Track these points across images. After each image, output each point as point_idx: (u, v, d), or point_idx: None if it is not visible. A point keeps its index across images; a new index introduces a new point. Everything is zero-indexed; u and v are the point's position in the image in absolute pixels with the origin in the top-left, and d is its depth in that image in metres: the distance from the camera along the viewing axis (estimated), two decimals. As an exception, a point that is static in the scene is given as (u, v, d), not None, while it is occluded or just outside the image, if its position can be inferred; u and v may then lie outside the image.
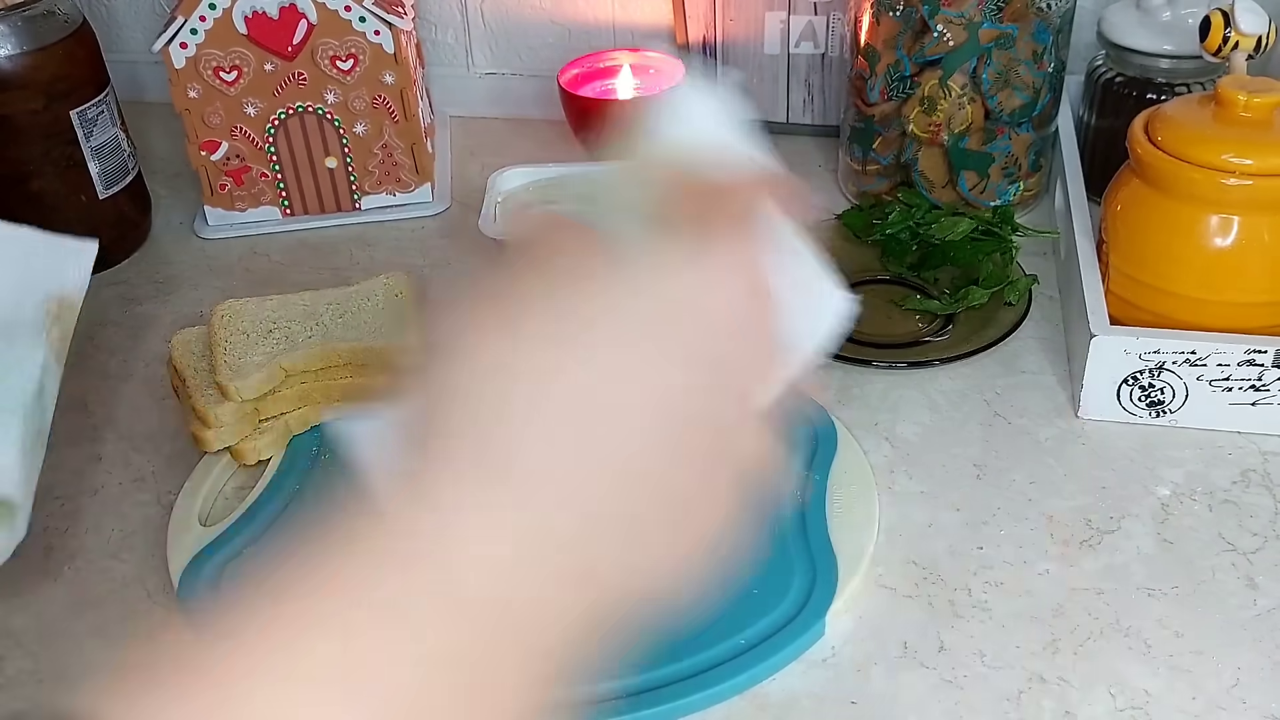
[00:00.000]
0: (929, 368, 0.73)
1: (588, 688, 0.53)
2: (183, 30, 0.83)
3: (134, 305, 0.85)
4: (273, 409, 0.67)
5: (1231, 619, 0.57)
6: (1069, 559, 0.60)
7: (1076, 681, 0.54)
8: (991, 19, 0.78)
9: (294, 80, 0.86)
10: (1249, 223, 0.65)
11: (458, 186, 0.97)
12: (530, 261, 0.34)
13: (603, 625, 0.34)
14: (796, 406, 0.39)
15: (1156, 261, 0.67)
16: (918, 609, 0.58)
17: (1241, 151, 0.64)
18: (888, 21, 0.81)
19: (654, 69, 0.98)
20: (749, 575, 0.58)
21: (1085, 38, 0.89)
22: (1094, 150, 0.87)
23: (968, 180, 0.84)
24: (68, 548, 0.64)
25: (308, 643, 0.28)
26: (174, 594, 0.59)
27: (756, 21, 0.96)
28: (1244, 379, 0.65)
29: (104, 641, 0.58)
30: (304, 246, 0.90)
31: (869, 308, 0.79)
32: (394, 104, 0.88)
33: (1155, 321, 0.68)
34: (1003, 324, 0.74)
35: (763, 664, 0.54)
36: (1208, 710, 0.52)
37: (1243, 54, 0.70)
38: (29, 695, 0.56)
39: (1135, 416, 0.68)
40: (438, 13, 1.04)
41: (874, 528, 0.61)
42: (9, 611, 0.60)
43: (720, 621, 0.55)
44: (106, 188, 0.86)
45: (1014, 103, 0.81)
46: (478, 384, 0.31)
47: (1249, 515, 0.62)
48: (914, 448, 0.67)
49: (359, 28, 0.84)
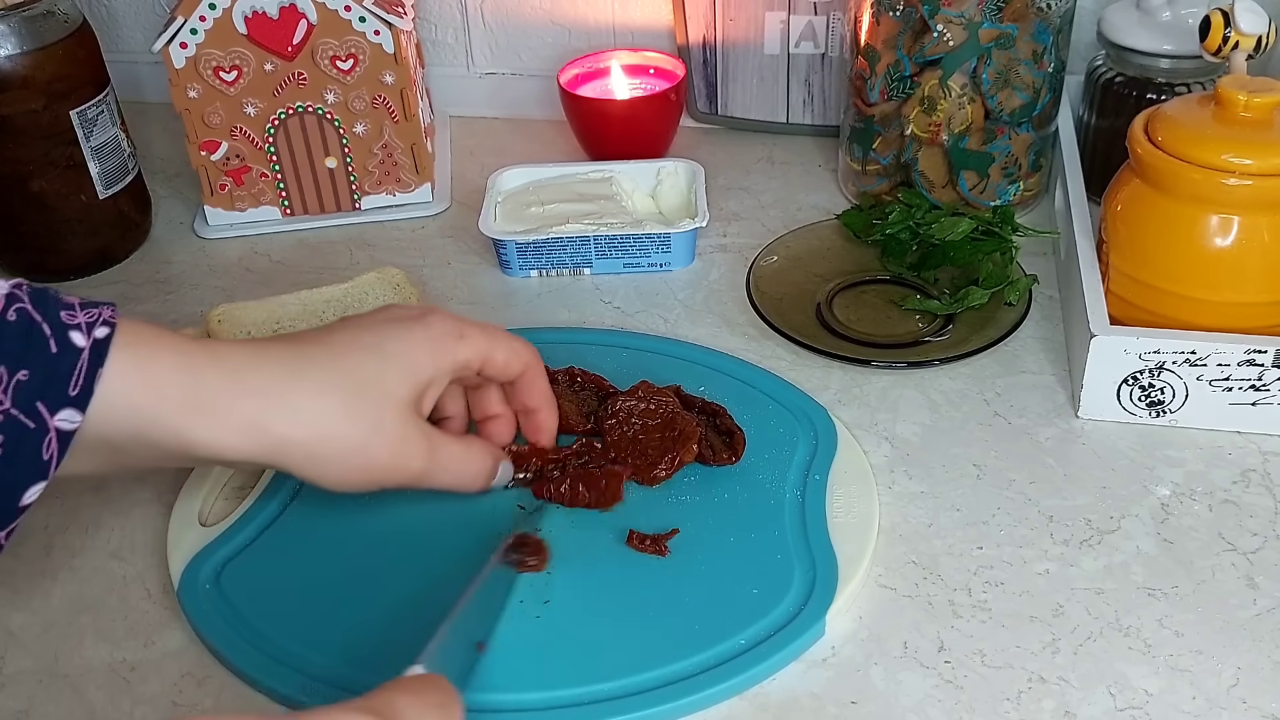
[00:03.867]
0: (929, 368, 0.73)
1: (588, 688, 0.53)
2: (183, 30, 0.83)
3: (134, 305, 0.84)
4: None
5: (1231, 619, 0.57)
6: (1069, 559, 0.60)
7: (1076, 681, 0.54)
8: (991, 19, 0.78)
9: (294, 80, 0.86)
10: (1249, 223, 0.65)
11: (458, 186, 0.97)
12: None
13: None
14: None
15: (1156, 261, 0.67)
16: (918, 609, 0.58)
17: (1241, 151, 0.64)
18: (888, 21, 0.81)
19: (654, 69, 0.98)
20: (749, 575, 0.58)
21: (1085, 38, 0.89)
22: (1094, 150, 0.87)
23: (968, 180, 0.84)
24: (68, 548, 0.64)
25: None
26: (174, 594, 0.59)
27: (756, 21, 0.96)
28: (1244, 379, 0.65)
29: (104, 641, 0.58)
30: (304, 246, 0.90)
31: (869, 308, 0.79)
32: (394, 104, 0.88)
33: (1155, 321, 0.68)
34: (1003, 324, 0.74)
35: (763, 664, 0.54)
36: (1208, 710, 0.52)
37: (1243, 54, 0.70)
38: (29, 695, 0.56)
39: (1135, 416, 0.68)
40: (438, 13, 1.04)
41: (874, 528, 0.61)
42: (9, 611, 0.60)
43: (720, 621, 0.56)
44: (106, 188, 0.86)
45: (1014, 103, 0.81)
46: None
47: (1249, 515, 0.62)
48: (914, 448, 0.67)
49: (359, 28, 0.84)
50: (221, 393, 0.48)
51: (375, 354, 0.52)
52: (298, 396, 0.50)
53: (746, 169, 0.97)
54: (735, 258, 0.85)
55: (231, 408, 0.49)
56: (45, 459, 0.45)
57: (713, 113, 1.02)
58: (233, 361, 0.49)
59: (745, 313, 0.79)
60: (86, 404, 0.45)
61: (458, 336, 0.55)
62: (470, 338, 0.56)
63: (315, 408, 0.50)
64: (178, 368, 0.48)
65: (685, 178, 0.89)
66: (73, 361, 0.45)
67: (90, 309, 0.47)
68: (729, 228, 0.89)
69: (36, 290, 0.46)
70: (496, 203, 0.87)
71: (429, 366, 0.54)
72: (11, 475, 0.45)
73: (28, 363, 0.44)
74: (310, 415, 0.50)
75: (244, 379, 0.49)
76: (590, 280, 0.84)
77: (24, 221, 0.85)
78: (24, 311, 0.45)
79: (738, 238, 0.88)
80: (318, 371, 0.51)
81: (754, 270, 0.80)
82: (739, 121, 1.02)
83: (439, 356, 0.54)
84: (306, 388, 0.50)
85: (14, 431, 0.44)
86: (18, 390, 0.44)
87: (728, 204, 0.92)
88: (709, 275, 0.84)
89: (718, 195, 0.93)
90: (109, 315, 0.47)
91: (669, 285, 0.83)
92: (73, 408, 0.45)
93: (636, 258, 0.83)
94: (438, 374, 0.54)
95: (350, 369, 0.52)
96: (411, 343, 0.54)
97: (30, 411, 0.44)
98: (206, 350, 0.49)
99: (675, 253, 0.83)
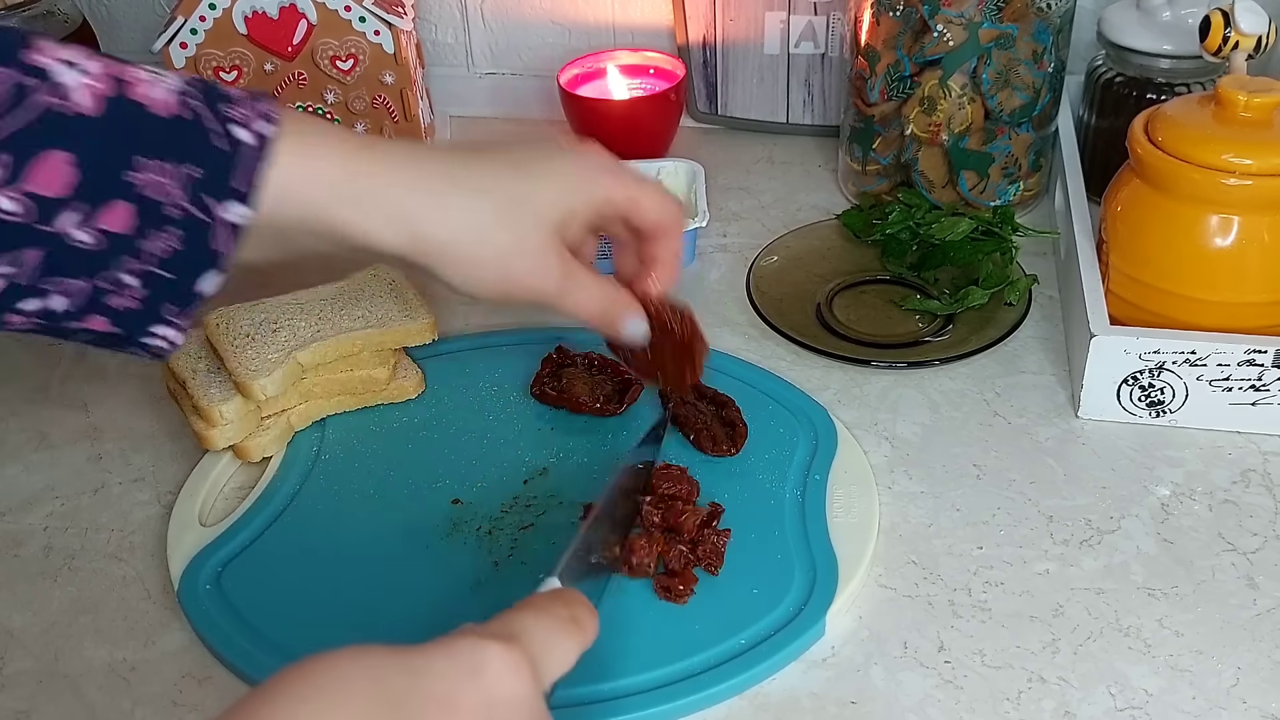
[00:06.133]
0: (929, 368, 0.73)
1: (588, 688, 0.53)
2: (183, 30, 0.83)
3: (134, 305, 0.84)
4: (275, 405, 0.68)
5: (1231, 619, 0.57)
6: (1069, 559, 0.60)
7: (1076, 681, 0.54)
8: (991, 19, 0.78)
9: (294, 80, 0.86)
10: (1249, 223, 0.65)
11: (458, 186, 0.97)
12: None
13: None
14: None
15: (1156, 261, 0.67)
16: (918, 609, 0.58)
17: (1241, 151, 0.64)
18: (888, 21, 0.81)
19: (654, 69, 0.98)
20: (749, 575, 0.58)
21: (1085, 38, 0.89)
22: (1094, 150, 0.87)
23: (968, 180, 0.84)
24: (68, 548, 0.64)
25: None
26: (174, 594, 0.59)
27: (756, 21, 0.96)
28: (1244, 379, 0.65)
29: (104, 641, 0.58)
30: (304, 246, 0.90)
31: (869, 308, 0.79)
32: (394, 104, 0.88)
33: (1155, 321, 0.68)
34: (1003, 324, 0.74)
35: (763, 664, 0.54)
36: (1208, 710, 0.52)
37: (1243, 54, 0.70)
38: (29, 695, 0.56)
39: (1135, 416, 0.68)
40: (438, 13, 1.04)
41: (874, 528, 0.61)
42: (9, 611, 0.60)
43: (720, 621, 0.56)
44: (106, 188, 0.86)
45: (1014, 103, 0.81)
46: None
47: (1249, 515, 0.62)
48: (914, 448, 0.67)
49: (359, 28, 0.84)
50: (379, 185, 0.50)
51: (531, 173, 0.54)
52: (451, 198, 0.51)
53: (746, 169, 0.97)
54: (735, 258, 0.85)
55: (387, 200, 0.50)
56: (218, 250, 0.47)
57: (713, 113, 1.02)
58: (393, 158, 0.51)
59: (745, 313, 0.79)
60: (254, 199, 0.47)
61: (610, 172, 0.56)
62: (621, 177, 0.56)
63: (466, 210, 0.52)
64: (339, 160, 0.49)
65: (685, 178, 0.89)
66: (241, 157, 0.46)
67: (252, 104, 0.48)
68: (729, 228, 0.89)
69: (207, 86, 0.47)
70: (496, 203, 0.87)
71: (580, 193, 0.55)
72: (188, 264, 0.46)
73: (200, 159, 0.46)
74: (461, 217, 0.51)
75: (402, 175, 0.51)
76: (590, 280, 0.84)
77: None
78: (197, 109, 0.46)
79: (738, 238, 0.88)
80: (474, 179, 0.52)
81: (754, 270, 0.80)
82: (739, 121, 1.02)
83: (591, 185, 0.55)
84: (461, 191, 0.52)
85: (189, 225, 0.46)
86: (191, 185, 0.45)
87: (728, 204, 0.92)
88: (709, 275, 0.84)
89: (718, 195, 0.93)
90: (271, 110, 0.48)
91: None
92: (241, 203, 0.46)
93: (636, 258, 0.83)
94: (588, 203, 0.55)
95: (506, 182, 0.53)
96: (567, 168, 0.55)
97: (202, 206, 0.46)
98: (368, 146, 0.51)
99: (675, 253, 0.83)
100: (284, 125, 0.48)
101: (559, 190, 0.54)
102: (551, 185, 0.54)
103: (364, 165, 0.50)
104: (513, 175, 0.53)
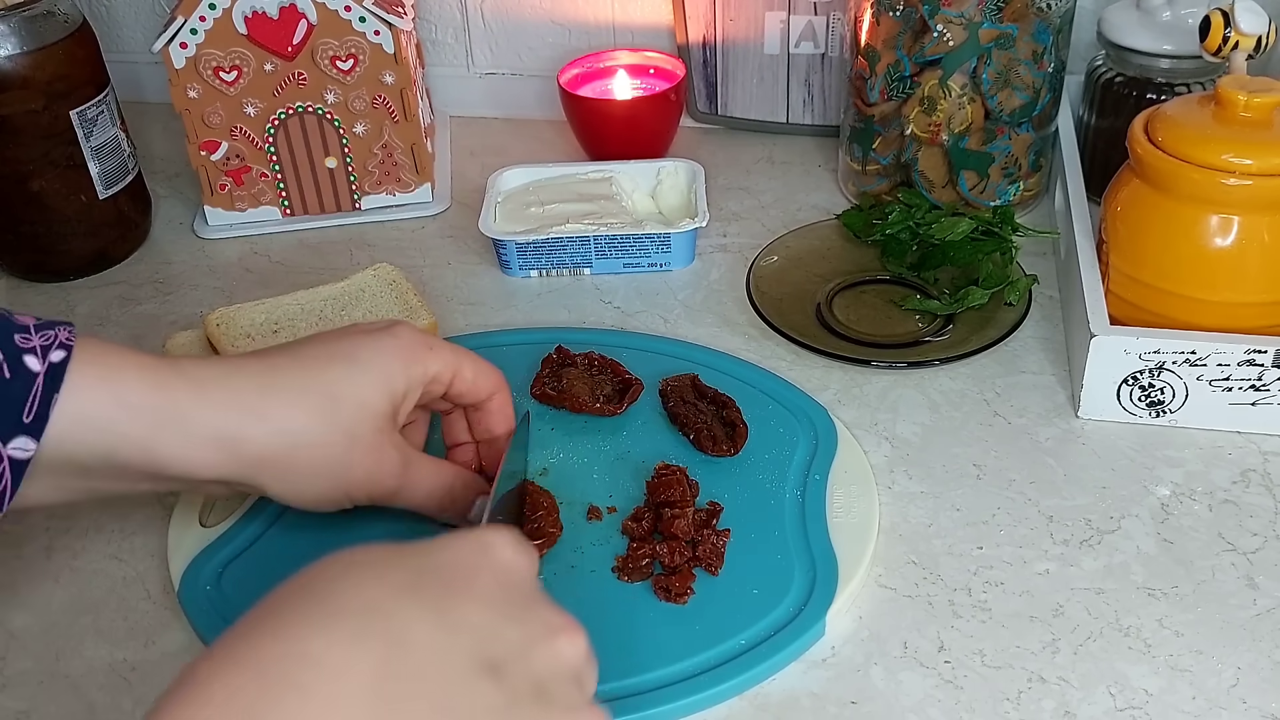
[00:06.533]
0: (929, 367, 0.73)
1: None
2: (183, 30, 0.83)
3: (134, 305, 0.84)
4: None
5: (1231, 619, 0.57)
6: (1069, 559, 0.60)
7: (1076, 681, 0.54)
8: (991, 19, 0.78)
9: (294, 80, 0.86)
10: (1249, 223, 0.65)
11: (458, 186, 0.97)
12: None
13: None
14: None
15: (1156, 261, 0.67)
16: (918, 609, 0.58)
17: (1241, 151, 0.64)
18: (888, 21, 0.81)
19: (654, 69, 0.98)
20: (749, 575, 0.58)
21: (1085, 38, 0.89)
22: (1094, 150, 0.87)
23: (968, 180, 0.84)
24: (68, 548, 0.64)
25: None
26: (175, 595, 0.59)
27: (756, 21, 0.96)
28: (1244, 379, 0.65)
29: (105, 642, 0.58)
30: (304, 246, 0.90)
31: (869, 308, 0.79)
32: (394, 104, 0.88)
33: (1155, 321, 0.68)
34: (1003, 324, 0.74)
35: (763, 664, 0.54)
36: (1208, 710, 0.52)
37: (1243, 54, 0.70)
38: (30, 695, 0.56)
39: (1135, 416, 0.68)
40: (438, 13, 1.04)
41: (874, 528, 0.61)
42: (9, 611, 0.60)
43: (720, 622, 0.56)
44: (106, 188, 0.86)
45: (1014, 103, 0.81)
46: None
47: (1249, 515, 0.62)
48: (914, 448, 0.67)
49: (359, 28, 0.84)
50: (190, 406, 0.47)
51: (348, 363, 0.51)
52: (269, 408, 0.49)
53: (746, 169, 0.97)
54: (735, 258, 0.85)
55: (201, 421, 0.48)
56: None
57: (713, 113, 1.02)
58: (200, 376, 0.48)
59: (745, 313, 0.79)
60: (41, 431, 0.44)
61: (427, 347, 0.54)
62: (439, 350, 0.55)
63: (288, 418, 0.49)
64: (144, 384, 0.47)
65: (685, 178, 0.89)
66: (27, 387, 0.44)
67: (46, 330, 0.45)
68: (729, 228, 0.89)
69: (3, 320, 0.45)
70: (496, 203, 0.87)
71: (402, 376, 0.53)
72: None
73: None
74: (283, 425, 0.49)
75: (213, 393, 0.48)
76: (590, 280, 0.84)
77: (24, 222, 0.85)
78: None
79: (738, 238, 0.88)
80: (289, 382, 0.50)
81: (754, 270, 0.80)
82: (739, 121, 1.02)
83: (411, 366, 0.53)
84: (278, 399, 0.49)
85: None
86: None
87: (728, 204, 0.92)
88: (709, 275, 0.84)
89: (718, 195, 0.93)
90: (65, 337, 0.45)
91: (669, 285, 0.83)
92: (27, 435, 0.44)
93: (636, 258, 0.83)
94: (410, 384, 0.53)
95: (324, 379, 0.50)
96: (383, 352, 0.52)
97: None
98: (172, 366, 0.48)
99: (675, 253, 0.83)
100: (81, 351, 0.45)
101: (381, 376, 0.52)
102: (372, 373, 0.51)
103: (171, 387, 0.47)
104: (331, 370, 0.51)
